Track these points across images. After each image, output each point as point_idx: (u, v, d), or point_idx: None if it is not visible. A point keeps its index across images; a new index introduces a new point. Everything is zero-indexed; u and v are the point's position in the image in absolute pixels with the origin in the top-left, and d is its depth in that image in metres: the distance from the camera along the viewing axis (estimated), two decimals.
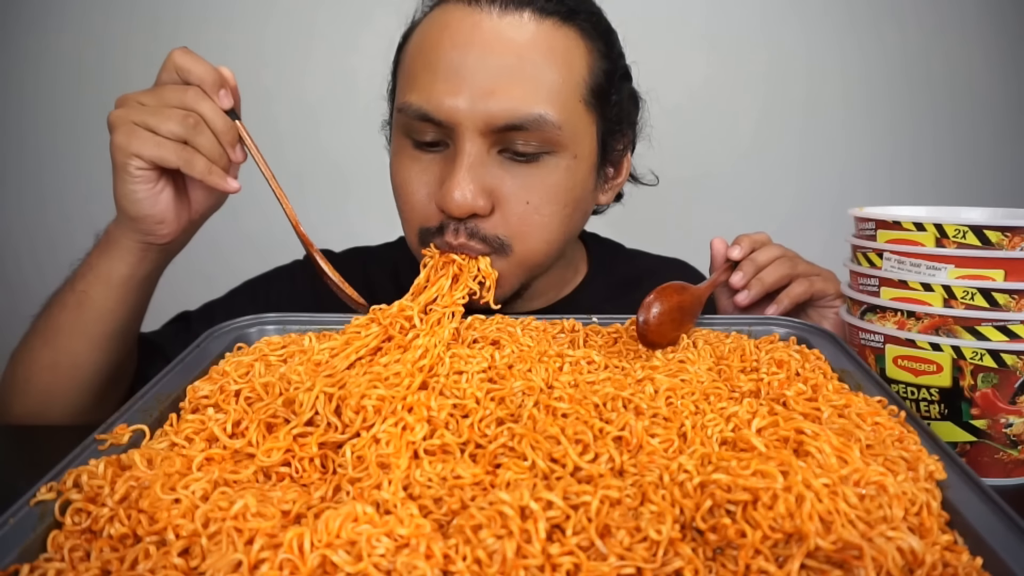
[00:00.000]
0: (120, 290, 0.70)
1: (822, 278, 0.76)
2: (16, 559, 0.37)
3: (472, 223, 0.70)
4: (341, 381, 0.48)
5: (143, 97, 0.64)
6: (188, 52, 0.65)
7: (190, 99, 0.64)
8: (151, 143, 0.63)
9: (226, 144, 0.65)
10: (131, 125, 0.63)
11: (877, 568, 0.35)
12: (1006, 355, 0.56)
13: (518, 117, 0.68)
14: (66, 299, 0.71)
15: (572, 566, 0.35)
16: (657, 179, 0.91)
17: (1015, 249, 0.55)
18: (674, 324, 0.61)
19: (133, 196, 0.65)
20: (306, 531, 0.35)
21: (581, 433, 0.44)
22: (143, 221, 0.67)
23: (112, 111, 0.64)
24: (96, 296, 0.70)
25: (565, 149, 0.71)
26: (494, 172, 0.70)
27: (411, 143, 0.73)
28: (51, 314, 0.72)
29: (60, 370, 0.71)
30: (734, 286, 0.75)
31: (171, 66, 0.65)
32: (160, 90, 0.65)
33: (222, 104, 0.65)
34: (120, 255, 0.69)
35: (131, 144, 0.63)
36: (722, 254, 0.77)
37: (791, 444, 0.44)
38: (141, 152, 0.63)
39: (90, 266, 0.70)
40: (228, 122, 0.65)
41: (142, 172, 0.64)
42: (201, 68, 0.64)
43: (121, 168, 0.64)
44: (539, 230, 0.73)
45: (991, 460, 0.58)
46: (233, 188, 0.66)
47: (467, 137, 0.68)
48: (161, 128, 0.63)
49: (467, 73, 0.68)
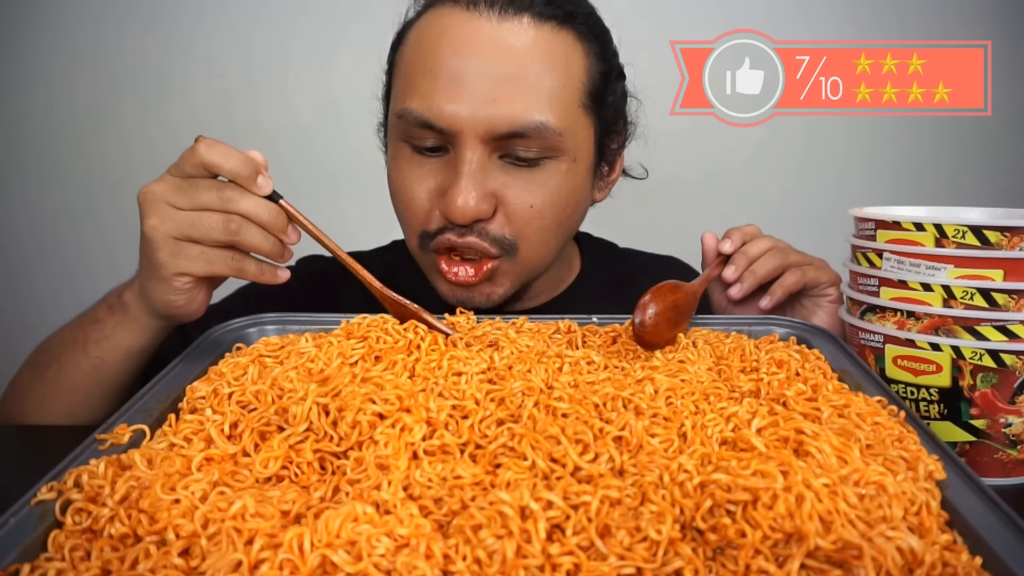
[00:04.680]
0: (138, 358, 0.69)
1: (814, 267, 0.76)
2: (16, 559, 0.37)
3: (478, 226, 0.71)
4: (335, 389, 0.48)
5: (175, 198, 0.58)
6: (215, 144, 0.58)
7: (228, 200, 0.58)
8: (200, 261, 0.59)
9: (277, 233, 0.59)
10: (174, 242, 0.58)
11: (877, 568, 0.35)
12: (1005, 355, 0.56)
13: (520, 125, 0.68)
14: (80, 362, 0.68)
15: (572, 566, 0.35)
16: (647, 172, 0.91)
17: (1014, 249, 0.55)
18: (670, 324, 0.61)
19: (173, 304, 0.62)
20: (306, 531, 0.35)
21: (581, 433, 0.44)
22: (174, 317, 0.65)
23: (147, 221, 0.58)
24: (112, 363, 0.68)
25: (565, 153, 0.72)
26: (496, 177, 0.71)
27: (410, 148, 0.73)
28: (64, 371, 0.69)
29: (76, 418, 0.70)
30: (727, 280, 0.75)
31: (197, 162, 0.58)
32: (191, 190, 0.58)
33: (261, 192, 0.58)
34: (140, 331, 0.67)
35: (180, 264, 0.59)
36: (713, 248, 0.76)
37: (791, 444, 0.44)
38: (192, 271, 0.59)
39: (105, 335, 0.67)
40: (273, 210, 0.59)
41: (188, 286, 0.61)
42: (232, 162, 0.57)
43: (165, 281, 0.60)
44: (542, 232, 0.74)
45: (990, 460, 0.58)
46: (283, 279, 0.63)
47: (468, 144, 0.68)
48: (205, 240, 0.58)
49: (468, 81, 0.68)
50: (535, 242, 0.74)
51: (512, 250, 0.73)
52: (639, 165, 0.92)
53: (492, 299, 0.76)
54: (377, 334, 0.58)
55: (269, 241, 0.60)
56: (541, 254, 0.75)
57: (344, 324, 0.61)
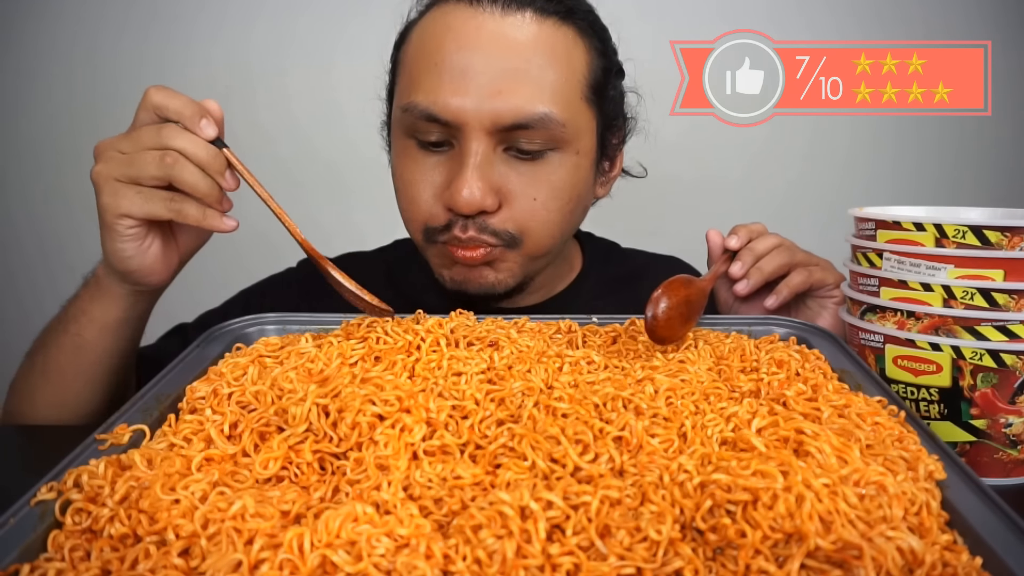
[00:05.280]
0: (114, 333, 0.70)
1: (820, 268, 0.76)
2: (16, 559, 0.37)
3: (480, 219, 0.72)
4: (335, 390, 0.48)
5: (120, 144, 0.61)
6: (164, 89, 0.61)
7: (166, 136, 0.60)
8: (138, 200, 0.61)
9: (214, 174, 0.60)
10: (114, 183, 0.61)
11: (877, 568, 0.35)
12: (1006, 355, 0.56)
13: (524, 116, 0.69)
14: (62, 341, 0.70)
15: (572, 566, 0.35)
16: (645, 171, 0.93)
17: (1015, 249, 0.55)
18: (682, 318, 0.61)
19: (122, 254, 0.64)
20: (306, 531, 0.35)
21: (581, 433, 0.44)
22: (133, 274, 0.66)
23: (94, 167, 0.62)
24: (91, 339, 0.70)
25: (568, 145, 0.73)
26: (500, 170, 0.72)
27: (415, 143, 0.73)
28: (48, 355, 0.71)
29: (65, 407, 0.71)
30: (733, 276, 0.75)
31: (148, 105, 0.61)
32: (136, 134, 0.61)
33: (204, 134, 0.60)
34: (112, 301, 0.69)
35: (119, 205, 0.61)
36: (719, 245, 0.77)
37: (791, 444, 0.44)
38: (131, 211, 0.61)
39: (82, 310, 0.70)
40: (212, 151, 0.60)
41: (132, 230, 0.63)
42: (178, 102, 0.60)
43: (110, 227, 0.62)
44: (546, 225, 0.75)
45: (991, 460, 0.58)
46: (229, 227, 0.63)
47: (473, 136, 0.69)
48: (142, 177, 0.60)
49: (473, 74, 0.69)
50: (540, 235, 0.75)
51: (514, 243, 0.74)
52: (638, 164, 0.92)
53: (496, 288, 0.77)
54: (377, 335, 0.58)
55: (206, 182, 0.60)
56: (546, 246, 0.76)
57: (344, 324, 0.61)
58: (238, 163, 0.62)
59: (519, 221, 0.73)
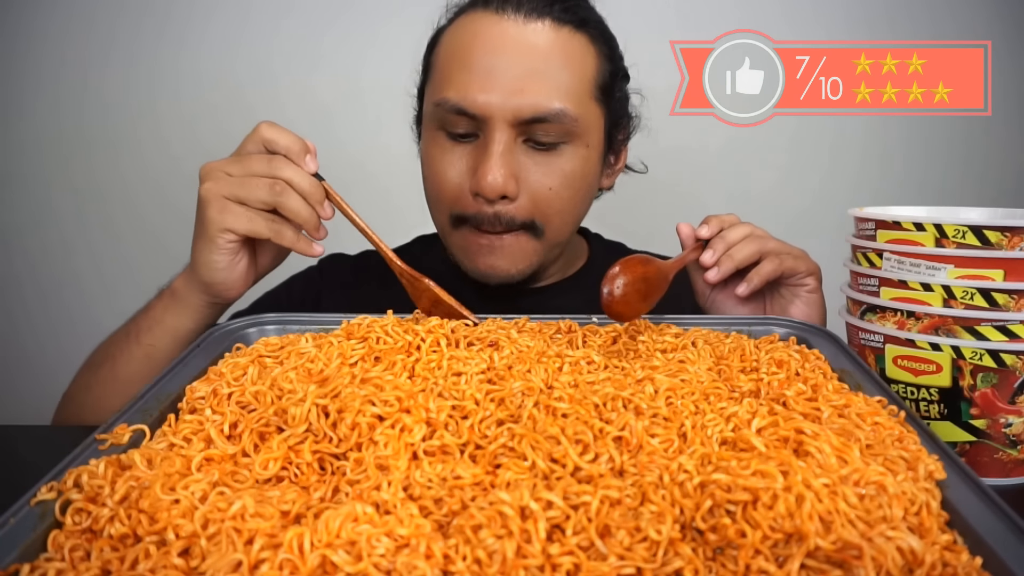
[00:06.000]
0: (183, 342, 0.74)
1: (792, 256, 0.77)
2: (16, 559, 0.37)
3: (502, 208, 0.80)
4: (335, 390, 0.48)
5: (229, 167, 0.68)
6: (274, 125, 0.69)
7: (275, 167, 0.67)
8: (244, 217, 0.67)
9: (314, 203, 0.68)
10: (223, 200, 0.67)
11: (877, 568, 0.35)
12: (1006, 355, 0.56)
13: (542, 111, 0.78)
14: (132, 351, 0.74)
15: (572, 566, 0.35)
16: (646, 168, 1.00)
17: (1014, 249, 0.55)
18: (640, 295, 0.62)
19: (215, 265, 0.70)
20: (306, 531, 0.35)
21: (581, 433, 0.44)
22: (216, 286, 0.71)
23: (203, 184, 0.68)
24: (163, 348, 0.74)
25: (579, 139, 0.82)
26: (520, 160, 0.80)
27: (445, 135, 0.82)
28: (117, 365, 0.75)
29: None
30: (704, 264, 0.76)
31: (257, 138, 0.68)
32: (245, 160, 0.68)
33: (308, 169, 0.68)
34: (188, 312, 0.74)
35: (225, 220, 0.67)
36: (690, 236, 0.78)
37: (791, 444, 0.44)
38: (235, 227, 0.67)
39: (157, 320, 0.74)
40: (314, 183, 0.68)
41: (230, 245, 0.69)
42: (287, 139, 0.68)
43: (211, 239, 0.68)
44: (560, 213, 0.83)
45: (990, 460, 0.58)
46: (318, 252, 0.70)
47: (498, 128, 0.78)
48: (251, 199, 0.67)
49: (498, 73, 0.78)
50: (556, 221, 0.83)
51: (535, 230, 0.82)
52: (639, 161, 0.99)
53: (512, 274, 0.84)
54: (377, 335, 0.58)
55: (307, 209, 0.68)
56: (561, 232, 0.85)
57: (344, 324, 0.61)
58: (335, 194, 0.69)
59: (536, 208, 0.81)
